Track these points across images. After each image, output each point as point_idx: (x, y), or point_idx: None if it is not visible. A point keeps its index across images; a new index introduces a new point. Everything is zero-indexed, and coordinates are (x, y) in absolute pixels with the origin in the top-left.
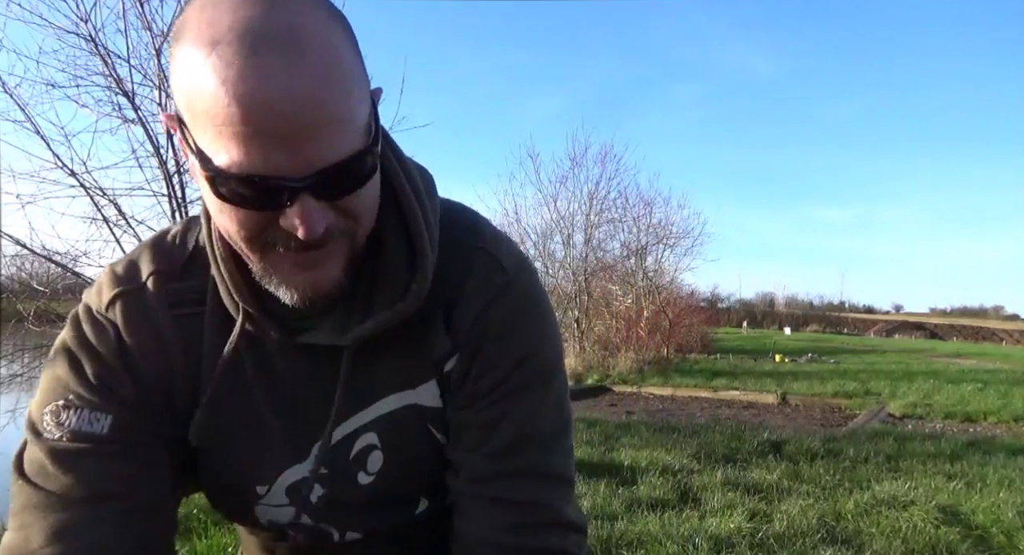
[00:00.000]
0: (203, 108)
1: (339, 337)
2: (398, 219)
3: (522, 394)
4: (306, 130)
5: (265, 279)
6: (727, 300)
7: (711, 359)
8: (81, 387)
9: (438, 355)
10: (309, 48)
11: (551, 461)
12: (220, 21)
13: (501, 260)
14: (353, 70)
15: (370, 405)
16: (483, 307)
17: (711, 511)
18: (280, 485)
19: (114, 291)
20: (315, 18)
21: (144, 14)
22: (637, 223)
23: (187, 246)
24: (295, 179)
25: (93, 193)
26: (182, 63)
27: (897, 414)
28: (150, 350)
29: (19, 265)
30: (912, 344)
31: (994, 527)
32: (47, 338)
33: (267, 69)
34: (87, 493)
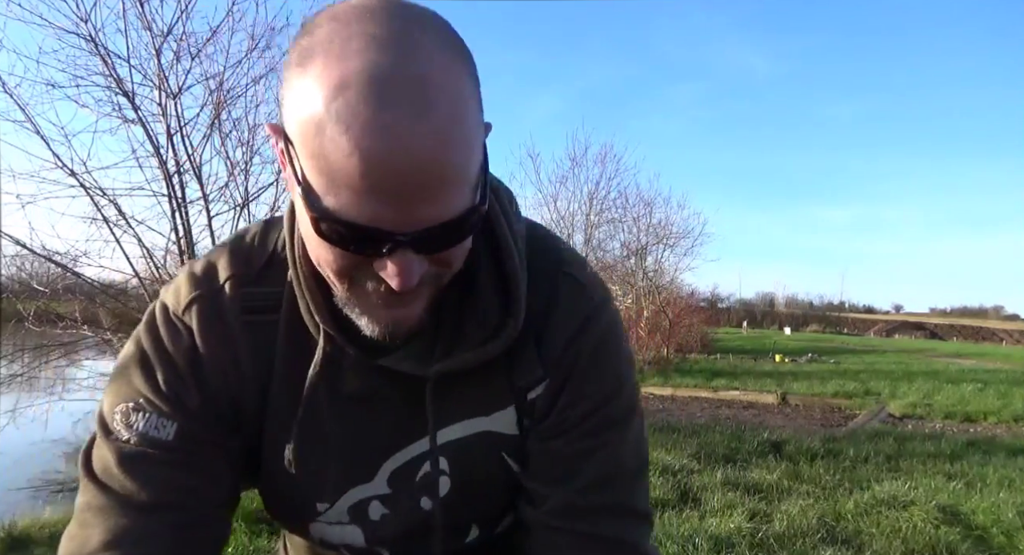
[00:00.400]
0: (318, 149)
1: (422, 367)
2: (489, 254)
3: (611, 428)
4: (421, 191)
5: (348, 308)
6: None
7: (711, 359)
8: (151, 392)
9: (524, 383)
10: (435, 105)
11: (635, 498)
12: (350, 61)
13: (587, 286)
14: (474, 122)
15: (441, 429)
16: (573, 335)
17: (711, 511)
18: (343, 503)
19: (192, 294)
20: (443, 65)
21: (144, 14)
22: (637, 223)
23: (265, 250)
24: (400, 234)
25: (93, 193)
26: (304, 91)
27: (897, 414)
28: (221, 357)
29: (19, 265)
30: (912, 344)
31: (994, 527)
32: (47, 338)
33: (392, 126)
34: (147, 500)
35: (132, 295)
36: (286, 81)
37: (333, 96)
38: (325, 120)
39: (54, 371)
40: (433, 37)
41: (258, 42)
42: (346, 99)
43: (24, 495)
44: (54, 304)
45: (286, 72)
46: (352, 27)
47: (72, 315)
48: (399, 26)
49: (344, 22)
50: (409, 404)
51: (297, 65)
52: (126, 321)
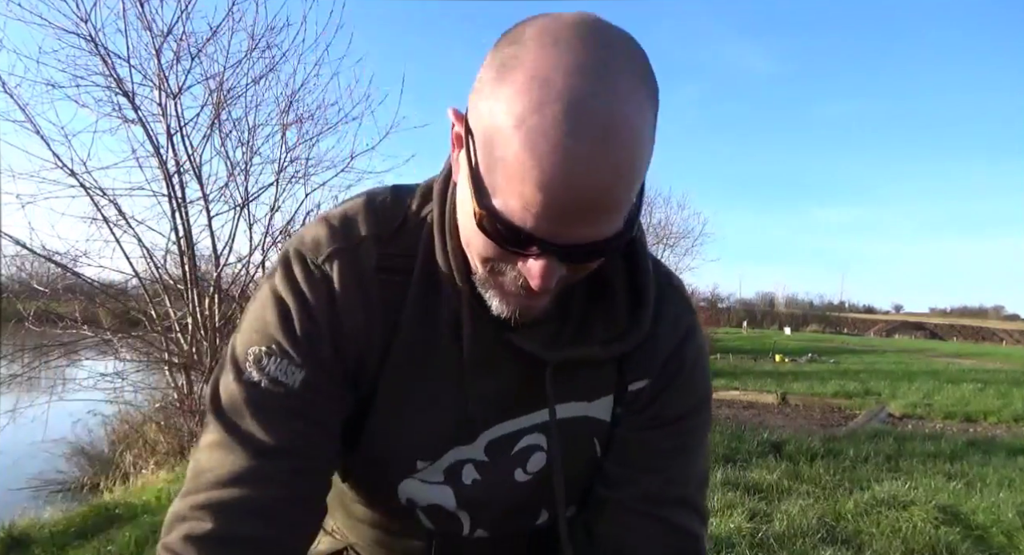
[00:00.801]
0: (501, 156)
1: (546, 352)
2: (623, 260)
3: (698, 432)
4: (585, 214)
5: (483, 286)
6: (727, 300)
7: (711, 359)
8: (285, 338)
9: (632, 377)
10: (619, 140)
11: (702, 499)
12: (553, 83)
13: (688, 300)
14: (648, 157)
15: (545, 408)
16: (680, 341)
17: (711, 511)
18: (442, 463)
19: (333, 246)
20: (634, 99)
21: (144, 14)
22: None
23: (399, 213)
24: (552, 245)
25: (93, 193)
26: (503, 99)
27: (897, 414)
28: (356, 312)
29: (19, 265)
30: (912, 344)
31: (994, 527)
32: (47, 338)
33: (576, 153)
34: (269, 443)
35: (132, 295)
36: (482, 81)
37: (530, 111)
38: (516, 131)
39: (54, 371)
40: (630, 68)
41: (258, 42)
42: (541, 118)
43: (24, 495)
44: (54, 304)
45: (485, 72)
46: (560, 47)
47: (72, 315)
48: (602, 55)
49: (553, 40)
50: (523, 380)
51: (499, 70)
52: (126, 321)
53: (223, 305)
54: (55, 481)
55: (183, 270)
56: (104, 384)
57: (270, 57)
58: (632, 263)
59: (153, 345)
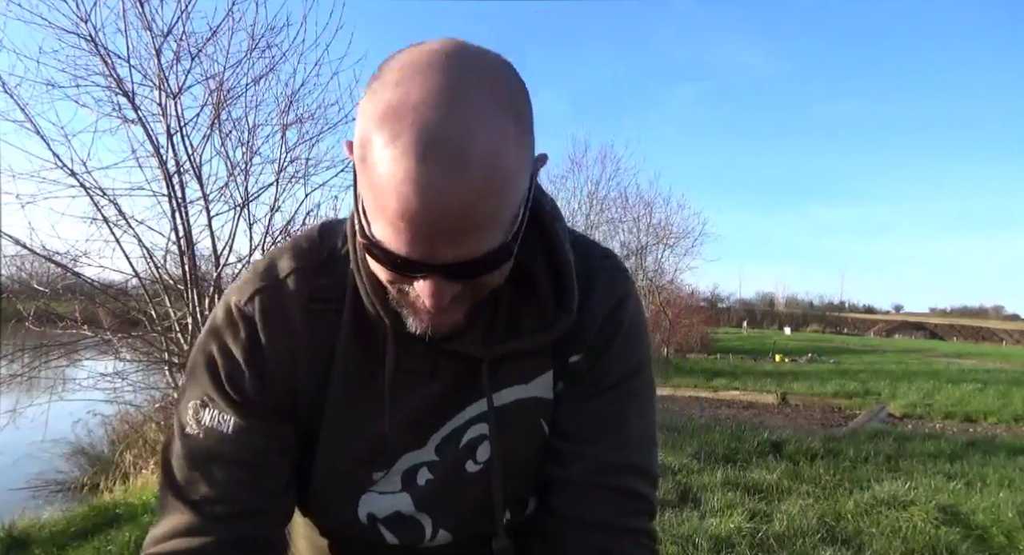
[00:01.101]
0: (371, 187)
1: (481, 350)
2: (544, 252)
3: (638, 396)
4: (449, 236)
5: (398, 307)
6: (727, 300)
7: (711, 359)
8: (214, 386)
9: (564, 350)
10: (473, 162)
11: (651, 461)
12: (407, 112)
13: (622, 268)
14: (512, 171)
15: (484, 398)
16: (612, 309)
17: (711, 511)
18: (397, 470)
19: (255, 287)
20: (491, 122)
21: (144, 14)
22: (637, 223)
23: (326, 246)
24: (429, 265)
25: (93, 193)
26: (368, 132)
27: (897, 414)
28: (282, 347)
29: (19, 265)
30: (912, 344)
31: (994, 527)
32: (47, 338)
33: (429, 177)
34: (205, 494)
35: (132, 295)
36: (359, 114)
37: (388, 142)
38: (379, 162)
39: (54, 371)
40: (483, 92)
41: (258, 42)
42: (395, 148)
43: (24, 495)
44: (54, 304)
45: (360, 105)
46: (417, 78)
47: (72, 315)
48: (456, 80)
49: (411, 72)
50: (462, 376)
51: (365, 105)
52: (126, 321)
53: None
54: (55, 481)
55: (183, 270)
56: (104, 384)
57: (270, 57)
58: (552, 252)
59: (153, 345)
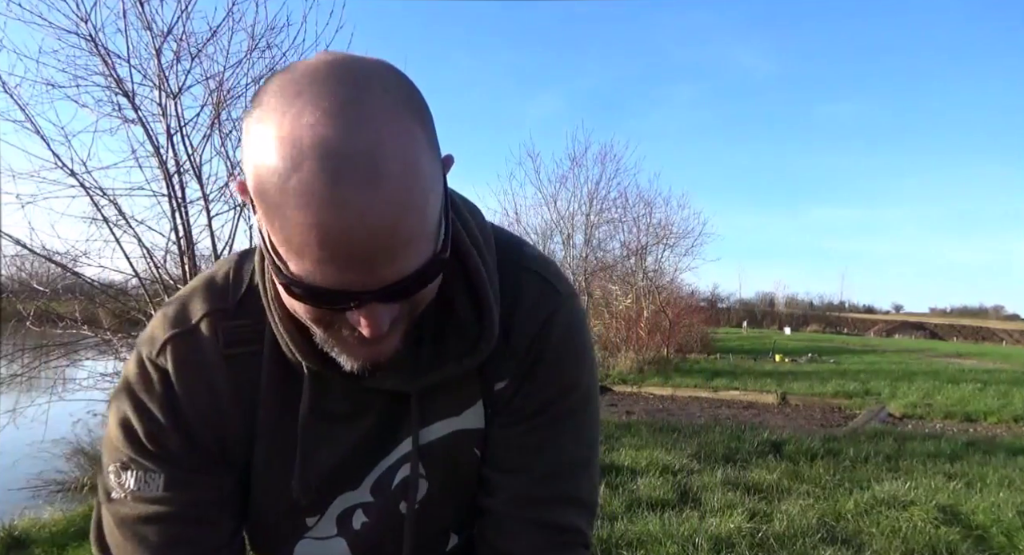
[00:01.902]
0: (280, 223)
1: (407, 384)
2: (461, 273)
3: (568, 419)
4: (380, 256)
5: (326, 347)
6: (727, 300)
7: (711, 359)
8: (133, 448)
9: (493, 376)
10: (388, 172)
11: (582, 487)
12: (303, 137)
13: (551, 281)
14: (429, 176)
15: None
16: (538, 329)
17: (711, 511)
18: (332, 512)
19: (166, 335)
20: (394, 129)
21: (144, 14)
22: (637, 223)
23: (241, 284)
24: (364, 292)
25: (93, 193)
26: (262, 165)
27: (897, 414)
28: (201, 395)
29: (19, 265)
30: (912, 344)
31: (994, 527)
32: (47, 338)
33: (346, 200)
34: None
35: (132, 295)
36: (245, 146)
37: (289, 172)
38: (284, 196)
39: (54, 371)
40: (382, 99)
41: (258, 42)
42: (301, 178)
43: (24, 495)
44: (54, 304)
45: (244, 139)
46: (303, 98)
47: (72, 315)
48: (348, 93)
49: (294, 92)
50: (392, 413)
51: (252, 136)
52: (126, 321)
53: None
54: (55, 481)
55: (183, 270)
56: (104, 384)
57: (270, 57)
58: (466, 265)
59: None
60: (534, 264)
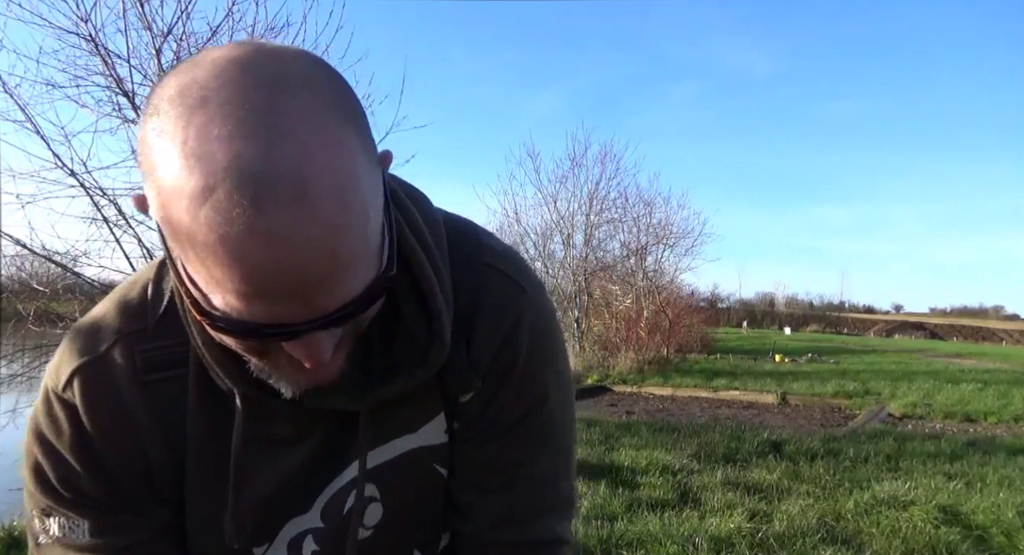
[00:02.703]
0: (196, 252)
1: (356, 403)
2: (407, 277)
3: (544, 431)
4: (318, 285)
5: (262, 375)
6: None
7: (711, 359)
8: (50, 496)
9: (453, 389)
10: (318, 191)
11: (560, 493)
12: (215, 152)
13: (515, 279)
14: (366, 187)
15: (370, 451)
16: (505, 336)
17: (711, 511)
18: (283, 538)
19: (72, 366)
20: (321, 138)
21: (144, 14)
22: (637, 223)
23: (161, 299)
24: (302, 324)
25: (93, 193)
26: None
27: (897, 414)
28: (117, 431)
29: (19, 265)
30: (912, 344)
31: (994, 527)
32: (47, 338)
33: (273, 230)
34: None
35: None
36: (142, 160)
37: (200, 199)
38: (197, 225)
39: None
40: (306, 100)
41: None
42: (215, 204)
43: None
44: (54, 304)
45: (140, 147)
46: (210, 106)
47: (72, 315)
48: (265, 97)
49: (199, 98)
50: (340, 432)
51: (151, 152)
52: None
53: None
54: None
55: None
56: None
57: None
58: (413, 271)
59: None
60: (494, 259)
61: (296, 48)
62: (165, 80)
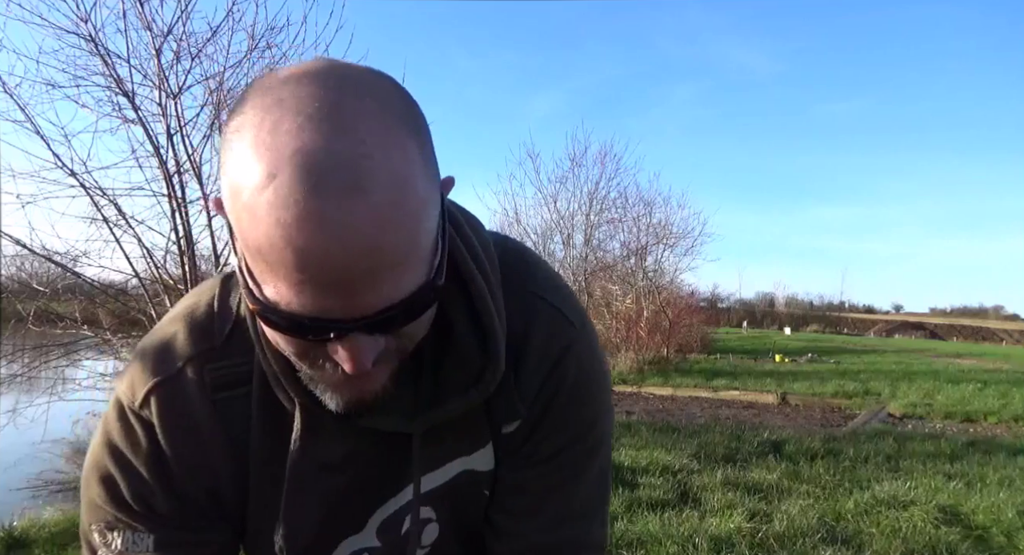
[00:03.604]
0: (254, 239)
1: (407, 424)
2: (462, 296)
3: (582, 463)
4: (363, 279)
5: (311, 384)
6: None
7: (711, 359)
8: (119, 509)
9: (501, 419)
10: (373, 187)
11: (593, 530)
12: (280, 144)
13: (565, 312)
14: (422, 192)
15: (425, 474)
16: (551, 369)
17: (711, 511)
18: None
19: (148, 384)
20: (382, 139)
21: (144, 14)
22: (637, 223)
23: (228, 315)
24: (346, 321)
25: (93, 193)
26: (237, 176)
27: (897, 414)
28: (190, 449)
29: (19, 265)
30: (912, 344)
31: (994, 527)
32: (47, 338)
33: (326, 215)
34: None
35: (132, 295)
36: (221, 158)
37: (263, 184)
38: (257, 211)
39: (54, 371)
40: (371, 105)
41: (258, 42)
42: (276, 188)
43: (24, 495)
44: (54, 304)
45: (221, 147)
46: (283, 104)
47: (72, 315)
48: (332, 98)
49: (275, 98)
50: (395, 454)
51: (229, 147)
52: (126, 321)
53: None
54: (55, 481)
55: (183, 270)
56: (104, 384)
57: (270, 57)
58: (469, 294)
59: None
60: (543, 289)
61: (374, 69)
62: (252, 84)
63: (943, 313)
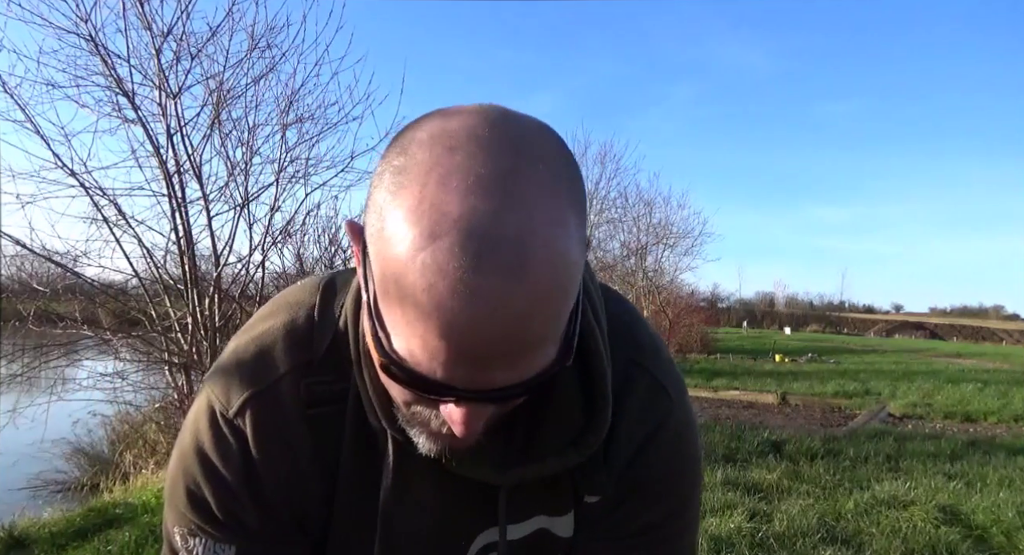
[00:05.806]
0: (397, 295)
1: (497, 476)
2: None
3: (666, 543)
4: (504, 358)
5: (406, 425)
6: (727, 300)
7: (711, 359)
8: (204, 518)
9: (582, 486)
10: (534, 266)
11: None
12: (448, 204)
13: (662, 381)
14: (574, 272)
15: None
16: (643, 444)
17: (711, 511)
18: None
19: (245, 393)
20: (552, 214)
21: (144, 14)
22: (637, 223)
23: (327, 329)
24: (470, 392)
25: (93, 193)
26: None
27: (897, 414)
28: (281, 464)
29: (19, 265)
30: (912, 344)
31: (994, 527)
32: (47, 338)
33: (482, 291)
34: None
35: (132, 295)
36: (374, 193)
37: (422, 243)
38: (410, 266)
39: (54, 371)
40: (543, 174)
41: (258, 42)
42: (435, 251)
43: (24, 495)
44: (54, 304)
45: (374, 187)
46: (457, 156)
47: (72, 315)
48: (508, 163)
49: (448, 148)
50: (478, 502)
51: (388, 188)
52: (126, 321)
53: (223, 305)
54: (55, 481)
55: (183, 270)
56: (104, 384)
57: (270, 57)
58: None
59: (153, 345)
60: (644, 356)
61: (537, 120)
62: (417, 123)
63: (943, 313)
